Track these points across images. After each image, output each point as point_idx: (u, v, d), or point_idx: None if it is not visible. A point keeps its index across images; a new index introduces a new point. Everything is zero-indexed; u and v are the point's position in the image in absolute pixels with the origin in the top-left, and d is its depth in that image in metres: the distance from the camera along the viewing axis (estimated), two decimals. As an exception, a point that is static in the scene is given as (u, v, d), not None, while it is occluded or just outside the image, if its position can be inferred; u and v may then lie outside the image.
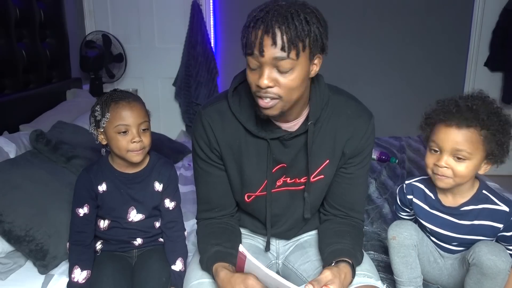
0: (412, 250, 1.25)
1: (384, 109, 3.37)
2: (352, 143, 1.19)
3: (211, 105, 1.20)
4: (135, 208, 1.36)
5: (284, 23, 0.96)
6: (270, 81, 1.01)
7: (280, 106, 1.05)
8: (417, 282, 1.27)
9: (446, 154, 1.19)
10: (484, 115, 1.15)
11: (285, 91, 1.02)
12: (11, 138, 1.79)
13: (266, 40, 0.98)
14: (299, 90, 1.05)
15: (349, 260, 1.12)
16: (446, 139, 1.18)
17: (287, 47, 0.97)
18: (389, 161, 2.46)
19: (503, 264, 1.13)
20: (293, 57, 0.98)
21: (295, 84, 1.02)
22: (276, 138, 1.15)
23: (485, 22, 3.28)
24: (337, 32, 3.34)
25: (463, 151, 1.16)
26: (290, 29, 0.96)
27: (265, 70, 1.00)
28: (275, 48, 0.97)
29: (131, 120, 1.27)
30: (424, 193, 1.32)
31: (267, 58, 0.99)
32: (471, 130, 1.16)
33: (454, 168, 1.19)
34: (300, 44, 0.98)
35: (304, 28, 0.98)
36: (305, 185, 1.22)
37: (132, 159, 1.30)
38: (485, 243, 1.18)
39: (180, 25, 3.36)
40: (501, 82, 3.38)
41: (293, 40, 0.97)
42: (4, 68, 2.18)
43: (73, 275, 1.29)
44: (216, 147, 1.20)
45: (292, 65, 0.99)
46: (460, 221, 1.26)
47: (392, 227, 1.28)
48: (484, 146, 1.17)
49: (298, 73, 1.01)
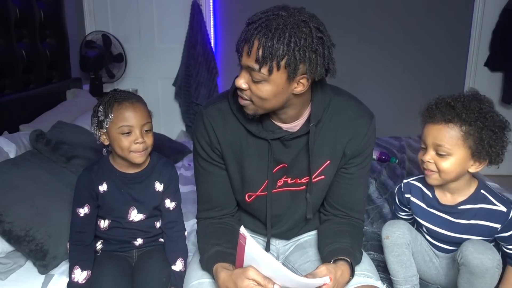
0: (405, 249, 1.26)
1: (384, 109, 3.37)
2: (353, 143, 1.19)
3: (213, 104, 1.20)
4: (135, 208, 1.36)
5: (264, 37, 0.96)
6: (244, 83, 1.04)
7: (253, 108, 1.08)
8: (413, 280, 1.27)
9: (430, 149, 1.24)
10: (463, 112, 1.18)
11: (255, 98, 1.05)
12: (11, 138, 1.79)
13: (244, 47, 1.01)
14: (272, 102, 1.05)
15: (347, 259, 1.12)
16: (427, 135, 1.24)
17: (260, 61, 0.98)
18: (389, 161, 2.46)
19: (490, 262, 1.13)
20: (264, 72, 0.99)
21: (265, 96, 1.03)
22: (277, 139, 1.16)
23: (485, 22, 3.28)
24: (337, 32, 3.31)
25: (442, 146, 1.20)
26: (267, 45, 0.96)
27: (242, 72, 1.05)
28: (249, 57, 1.00)
29: (134, 121, 1.27)
30: (422, 191, 1.33)
31: (243, 63, 1.03)
32: (450, 126, 1.19)
33: (437, 164, 1.22)
34: (274, 63, 0.97)
35: (282, 49, 0.96)
36: (307, 186, 1.22)
37: (134, 160, 1.30)
38: (472, 242, 1.18)
39: (180, 25, 3.36)
40: (501, 82, 3.38)
41: (266, 58, 0.97)
42: (4, 68, 2.18)
43: (73, 275, 1.29)
44: (217, 146, 1.20)
45: (263, 78, 1.01)
46: (456, 219, 1.26)
47: (385, 227, 1.30)
48: (465, 142, 1.19)
49: (271, 88, 1.02)
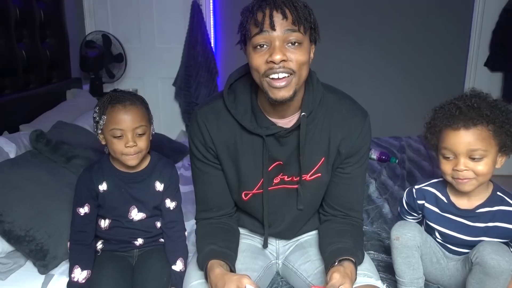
0: (415, 251, 1.24)
1: (384, 109, 3.38)
2: (348, 142, 1.19)
3: (207, 105, 1.21)
4: (136, 207, 1.36)
5: (289, 5, 1.04)
6: (283, 55, 1.03)
7: (295, 82, 1.07)
8: (419, 283, 1.26)
9: (462, 157, 1.19)
10: (487, 110, 1.17)
11: (297, 65, 1.05)
12: (11, 138, 1.79)
13: (276, 16, 1.02)
14: (307, 68, 1.09)
15: (351, 259, 1.12)
16: (458, 143, 1.18)
17: (297, 21, 1.03)
18: (389, 161, 2.46)
19: (507, 264, 1.13)
20: (302, 31, 1.04)
21: (305, 59, 1.06)
22: (272, 135, 1.16)
23: (485, 22, 3.28)
24: (337, 32, 3.35)
25: (478, 150, 1.17)
26: (295, 8, 1.04)
27: (277, 45, 1.03)
28: (286, 21, 1.03)
29: (125, 125, 1.26)
30: (436, 197, 1.30)
31: (279, 32, 1.03)
32: (479, 128, 1.17)
33: (474, 169, 1.18)
34: (305, 22, 1.05)
35: (305, 11, 1.06)
36: (299, 179, 1.22)
37: (127, 163, 1.30)
38: (489, 243, 1.18)
39: (180, 25, 3.36)
40: (501, 82, 3.38)
41: (300, 17, 1.04)
42: (4, 68, 2.18)
43: (73, 275, 1.29)
44: (211, 147, 1.20)
45: (302, 39, 1.05)
46: (474, 223, 1.25)
47: (396, 228, 1.27)
48: (495, 140, 1.18)
49: (306, 49, 1.07)
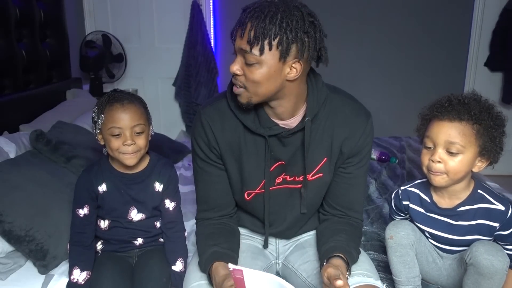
0: (409, 250, 1.25)
1: (384, 109, 3.37)
2: (350, 142, 1.19)
3: (211, 105, 1.21)
4: (135, 208, 1.36)
5: (256, 19, 1.01)
6: (238, 69, 1.07)
7: (247, 96, 1.09)
8: (416, 281, 1.27)
9: (439, 148, 1.20)
10: (476, 110, 1.18)
11: (248, 83, 1.07)
12: (11, 138, 1.79)
13: (237, 31, 1.06)
14: (265, 86, 1.07)
15: (341, 255, 1.12)
16: (438, 132, 1.20)
17: (251, 41, 1.01)
18: (389, 161, 2.46)
19: (500, 264, 1.13)
20: (255, 52, 1.02)
21: (258, 79, 1.05)
22: (274, 135, 1.16)
23: (485, 22, 3.28)
24: (337, 32, 3.34)
25: (456, 143, 1.17)
26: (259, 26, 1.00)
27: (236, 58, 1.08)
28: (241, 39, 1.04)
29: (123, 123, 1.26)
30: (420, 197, 1.32)
31: (236, 47, 1.07)
32: (463, 124, 1.18)
33: (447, 163, 1.19)
34: (265, 43, 1.01)
35: (274, 29, 1.00)
36: (303, 181, 1.22)
37: (125, 162, 1.30)
38: (482, 243, 1.18)
39: (180, 25, 3.36)
40: (501, 82, 3.38)
41: (257, 37, 1.01)
42: (4, 68, 2.17)
43: (72, 276, 1.29)
44: (215, 146, 1.20)
45: (256, 60, 1.03)
46: (457, 222, 1.26)
47: (389, 227, 1.29)
48: (476, 141, 1.18)
49: (263, 70, 1.04)
